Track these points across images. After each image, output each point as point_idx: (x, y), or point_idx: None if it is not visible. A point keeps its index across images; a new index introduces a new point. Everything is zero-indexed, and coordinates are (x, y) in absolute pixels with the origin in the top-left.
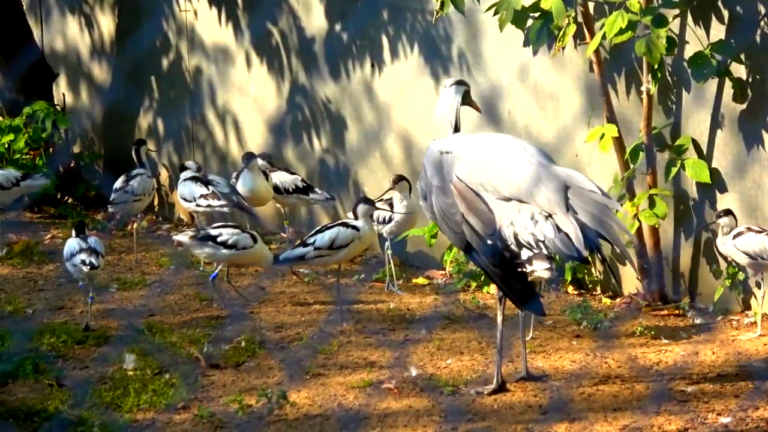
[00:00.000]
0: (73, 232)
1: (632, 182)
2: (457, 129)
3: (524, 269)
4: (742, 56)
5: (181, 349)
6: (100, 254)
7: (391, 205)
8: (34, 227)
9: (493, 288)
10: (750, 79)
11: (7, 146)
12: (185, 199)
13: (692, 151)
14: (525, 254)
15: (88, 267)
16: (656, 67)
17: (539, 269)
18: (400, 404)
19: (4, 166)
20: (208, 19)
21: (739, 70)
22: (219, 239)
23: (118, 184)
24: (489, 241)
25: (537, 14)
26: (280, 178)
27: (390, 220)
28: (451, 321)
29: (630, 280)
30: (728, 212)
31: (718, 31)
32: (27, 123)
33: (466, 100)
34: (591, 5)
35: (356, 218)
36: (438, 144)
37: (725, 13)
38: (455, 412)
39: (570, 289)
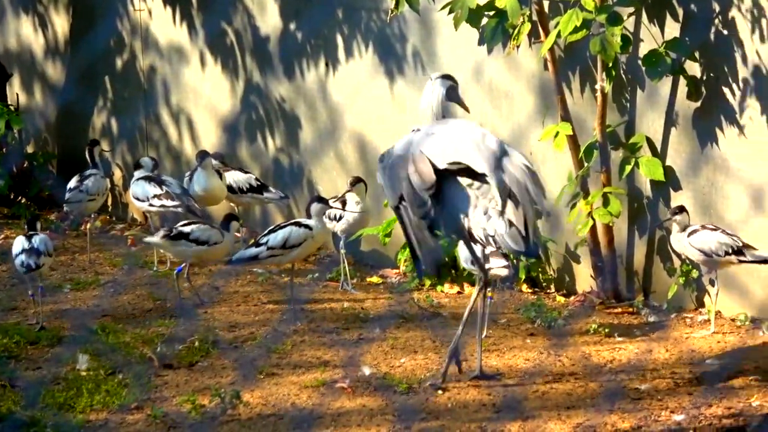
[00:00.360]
0: (26, 227)
1: (586, 180)
2: None
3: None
4: (697, 54)
5: (135, 349)
6: (43, 254)
7: (344, 204)
8: None
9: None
10: (704, 77)
11: None
12: (138, 199)
13: (646, 149)
14: (487, 250)
15: (25, 269)
16: (611, 65)
17: (496, 267)
18: (353, 403)
19: None
20: (162, 18)
21: (694, 68)
22: (191, 237)
23: (73, 183)
24: (421, 195)
25: (492, 13)
26: (233, 177)
27: (341, 217)
28: (405, 320)
29: (584, 278)
30: (682, 209)
31: (672, 29)
32: None
33: (452, 95)
34: (546, 4)
35: (310, 217)
36: (413, 127)
37: (680, 12)
38: (409, 411)
39: (524, 287)
